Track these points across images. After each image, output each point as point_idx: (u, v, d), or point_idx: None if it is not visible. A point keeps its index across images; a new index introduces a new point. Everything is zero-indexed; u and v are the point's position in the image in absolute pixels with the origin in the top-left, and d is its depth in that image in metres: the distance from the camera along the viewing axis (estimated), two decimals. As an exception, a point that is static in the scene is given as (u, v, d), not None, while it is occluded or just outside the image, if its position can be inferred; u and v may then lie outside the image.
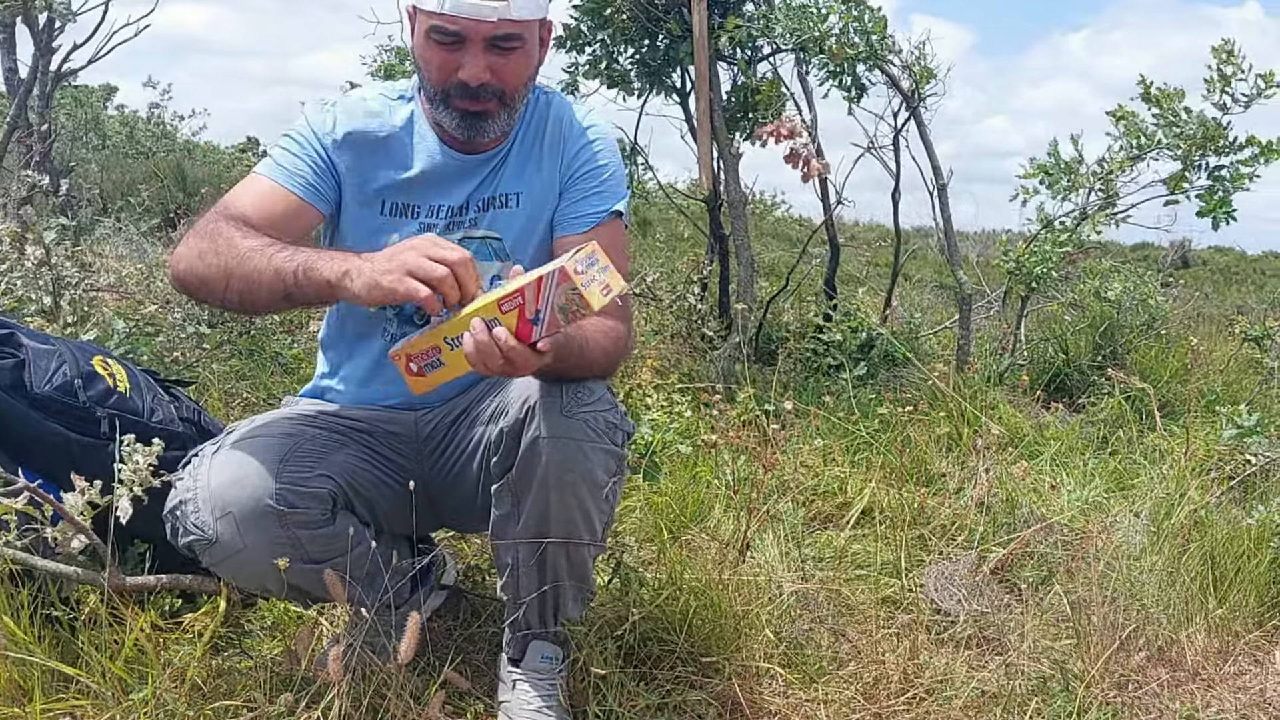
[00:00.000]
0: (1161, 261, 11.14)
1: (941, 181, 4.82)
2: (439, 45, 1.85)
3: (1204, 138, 4.48)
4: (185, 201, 6.91)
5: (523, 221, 2.03)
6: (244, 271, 1.73)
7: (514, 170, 2.03)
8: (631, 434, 1.94)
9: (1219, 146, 4.47)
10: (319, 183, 1.94)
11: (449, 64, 1.86)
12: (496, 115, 1.92)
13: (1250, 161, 4.47)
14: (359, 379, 2.09)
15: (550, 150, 2.05)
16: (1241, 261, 18.75)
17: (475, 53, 1.84)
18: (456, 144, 2.00)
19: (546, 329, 1.58)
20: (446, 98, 1.90)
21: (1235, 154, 4.49)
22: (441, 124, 1.95)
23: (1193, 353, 5.22)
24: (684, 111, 5.20)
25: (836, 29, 4.49)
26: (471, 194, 2.00)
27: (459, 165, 2.00)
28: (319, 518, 1.81)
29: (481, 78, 1.86)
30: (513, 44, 1.86)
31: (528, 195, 2.03)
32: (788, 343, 4.81)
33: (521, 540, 1.88)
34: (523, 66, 1.91)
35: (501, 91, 1.89)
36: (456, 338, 1.63)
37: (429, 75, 1.90)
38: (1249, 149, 4.46)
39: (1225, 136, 4.46)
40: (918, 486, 3.34)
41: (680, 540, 2.82)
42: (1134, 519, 3.13)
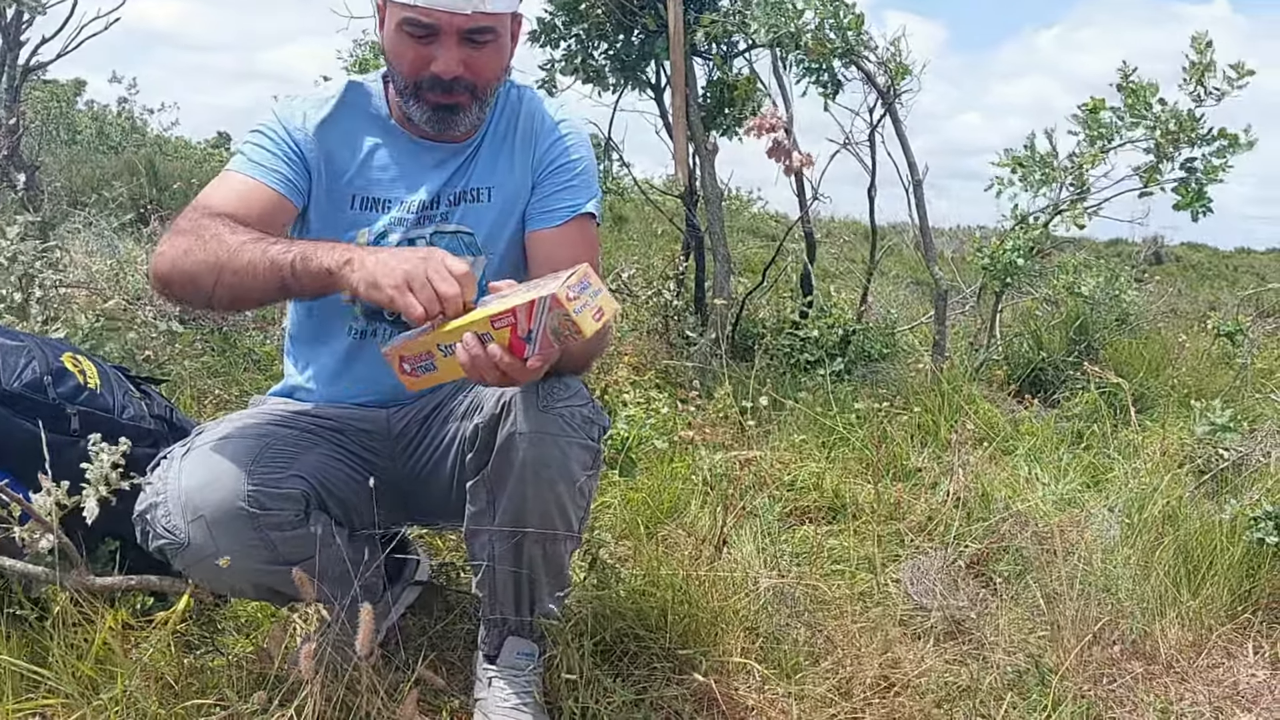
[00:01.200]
0: (1135, 257, 11.21)
1: (917, 177, 4.83)
2: (412, 38, 1.84)
3: (1178, 129, 4.50)
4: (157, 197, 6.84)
5: (494, 216, 2.01)
6: (237, 265, 1.69)
7: (486, 164, 2.02)
8: (607, 428, 1.93)
9: (1193, 138, 4.50)
10: (293, 176, 1.92)
11: (421, 57, 1.85)
12: (468, 109, 1.91)
13: (1220, 153, 4.50)
14: (327, 376, 2.07)
15: (523, 145, 2.04)
16: (1214, 258, 18.92)
17: (449, 46, 1.83)
18: (425, 137, 1.98)
19: (540, 349, 1.56)
20: (418, 91, 1.88)
21: (1207, 146, 4.51)
22: (412, 116, 1.93)
23: (1174, 348, 5.25)
24: (659, 107, 5.20)
25: (812, 25, 4.49)
26: (442, 188, 1.99)
27: (425, 158, 1.99)
28: (292, 519, 1.79)
29: (455, 71, 1.84)
30: (486, 37, 1.85)
31: (499, 190, 2.02)
32: (764, 339, 4.81)
33: (497, 535, 1.87)
34: (495, 60, 1.90)
35: (474, 85, 1.88)
36: (449, 345, 1.62)
37: (400, 68, 1.88)
38: (1219, 141, 4.49)
39: (1199, 128, 4.49)
40: (894, 482, 3.34)
41: (657, 536, 2.81)
42: (1108, 513, 3.15)
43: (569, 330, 1.53)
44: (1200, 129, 4.49)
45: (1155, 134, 4.55)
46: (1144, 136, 4.60)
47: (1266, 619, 2.61)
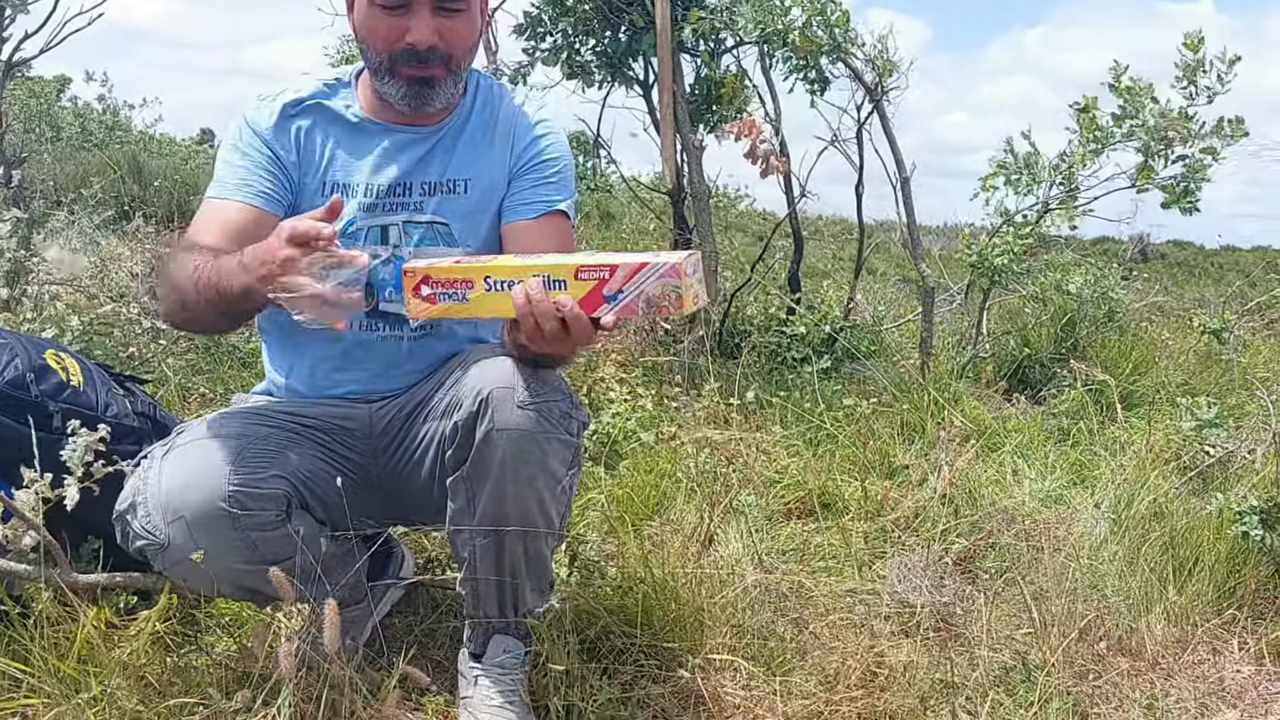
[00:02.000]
0: (1122, 255, 11.25)
1: (904, 175, 4.83)
2: (384, 11, 1.85)
3: (1170, 127, 4.50)
4: (140, 194, 6.82)
5: (471, 209, 2.02)
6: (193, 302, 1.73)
7: (464, 156, 2.02)
8: (587, 424, 1.93)
9: (1184, 136, 4.50)
10: (270, 186, 1.94)
11: (395, 29, 1.86)
12: (443, 82, 1.92)
13: (1211, 150, 4.49)
14: (305, 371, 2.07)
15: (502, 139, 2.05)
16: (1200, 255, 19.01)
17: (423, 15, 1.85)
18: (395, 120, 1.99)
19: (620, 311, 1.56)
20: (393, 65, 1.89)
21: (1200, 142, 4.51)
22: (388, 98, 1.94)
23: (1160, 345, 5.27)
24: (647, 104, 5.18)
25: (800, 22, 4.49)
26: (410, 171, 1.99)
27: (397, 142, 1.99)
28: (273, 519, 1.78)
29: (430, 40, 1.86)
30: (458, 5, 1.87)
31: (476, 182, 2.02)
32: (751, 336, 4.80)
33: (478, 533, 1.86)
34: (467, 30, 1.92)
35: (448, 56, 1.90)
36: (503, 282, 1.61)
37: (374, 45, 1.89)
38: (1211, 137, 4.49)
39: (1190, 127, 4.49)
40: (881, 478, 3.34)
41: (643, 533, 2.81)
42: (1094, 510, 3.16)
43: (669, 303, 1.53)
44: (1193, 127, 4.50)
45: (1147, 133, 4.55)
46: (1137, 136, 4.59)
47: (1252, 614, 2.62)
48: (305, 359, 2.07)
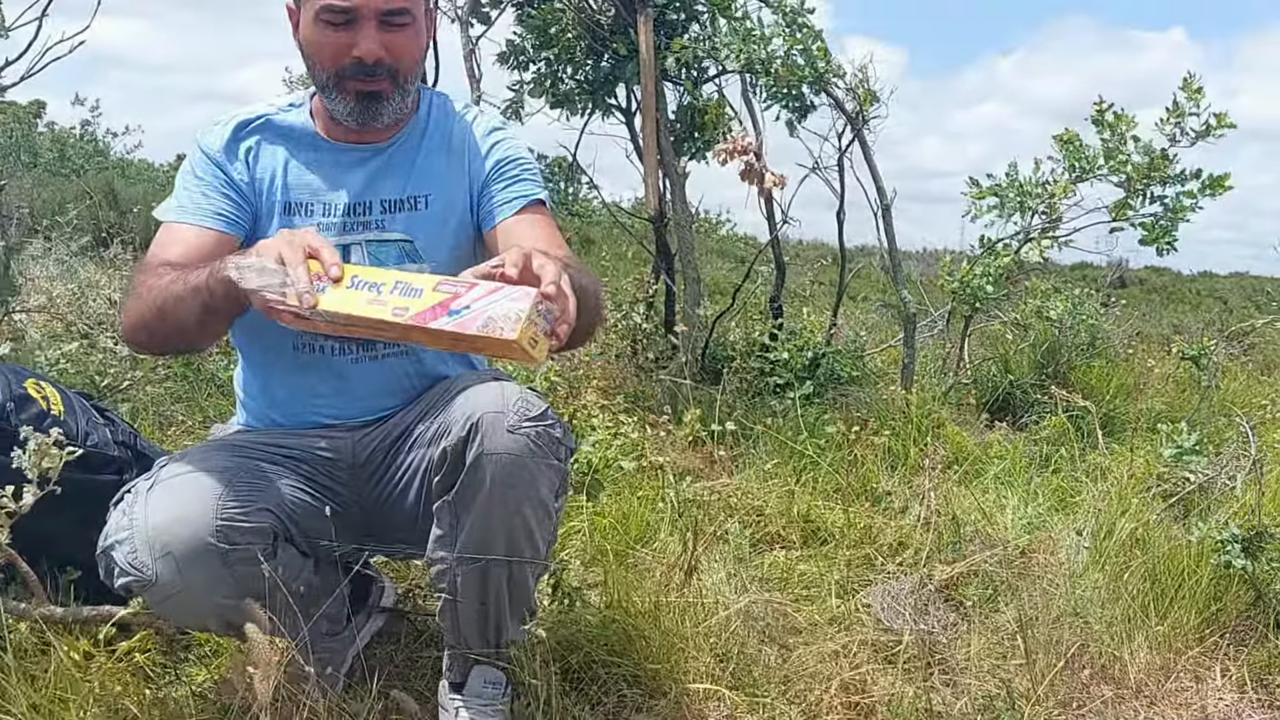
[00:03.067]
0: (1100, 281, 11.31)
1: (885, 202, 4.86)
2: (331, 27, 1.86)
3: (1150, 167, 4.55)
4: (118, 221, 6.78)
5: (433, 223, 2.01)
6: (169, 303, 1.72)
7: (423, 170, 2.03)
8: (574, 450, 1.93)
9: (1164, 177, 4.56)
10: (227, 208, 1.94)
11: (342, 44, 1.87)
12: (390, 96, 1.92)
13: (1192, 194, 4.55)
14: (282, 398, 2.06)
15: (457, 154, 2.05)
16: (1177, 282, 19.16)
17: (368, 30, 1.86)
18: (348, 139, 2.00)
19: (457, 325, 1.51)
20: (340, 80, 1.90)
21: (1181, 185, 4.57)
22: (336, 114, 1.94)
23: (1140, 371, 5.29)
24: (629, 131, 5.20)
25: (782, 51, 4.52)
26: (367, 189, 1.99)
27: (349, 160, 2.00)
28: (260, 553, 1.76)
29: (377, 53, 1.87)
30: (404, 19, 1.88)
31: (437, 196, 2.02)
32: (734, 362, 4.81)
33: (461, 559, 1.85)
34: (414, 44, 1.93)
35: (395, 70, 1.90)
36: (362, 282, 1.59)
37: (321, 61, 1.90)
38: (1193, 182, 4.55)
39: (1170, 167, 4.55)
40: (864, 505, 3.34)
41: (626, 562, 2.79)
42: (1076, 537, 3.16)
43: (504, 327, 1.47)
44: (1172, 168, 4.55)
45: (1127, 169, 4.59)
46: (1117, 169, 4.64)
47: (1233, 642, 2.62)
48: (281, 385, 2.05)
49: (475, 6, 4.86)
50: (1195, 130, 4.53)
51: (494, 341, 1.48)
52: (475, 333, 1.48)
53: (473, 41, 4.93)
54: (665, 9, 4.75)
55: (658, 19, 4.71)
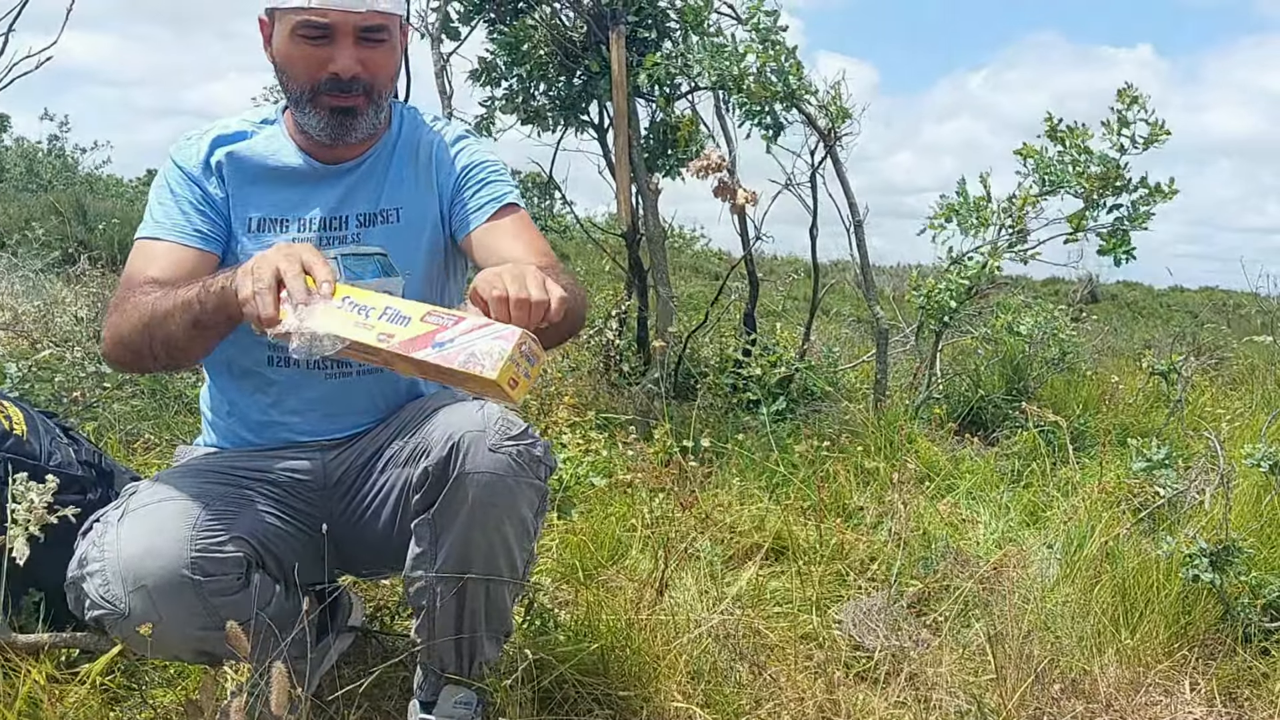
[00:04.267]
0: (1071, 296, 11.38)
1: (858, 218, 4.88)
2: (307, 41, 1.86)
3: (1104, 177, 4.60)
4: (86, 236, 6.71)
5: (408, 236, 2.02)
6: (157, 319, 1.72)
7: (394, 183, 2.03)
8: (554, 468, 1.92)
9: (1117, 186, 4.60)
10: (202, 225, 1.94)
11: (318, 59, 1.87)
12: (364, 112, 1.93)
13: (1144, 201, 4.60)
14: (253, 415, 2.04)
15: (425, 163, 2.06)
16: (1148, 296, 19.30)
17: (345, 45, 1.86)
18: (322, 156, 2.00)
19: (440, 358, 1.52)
20: (315, 95, 1.90)
21: (1131, 194, 4.62)
22: (308, 129, 1.95)
23: (1110, 386, 5.32)
24: (602, 147, 5.21)
25: (754, 68, 4.53)
26: (341, 203, 1.99)
27: (323, 175, 2.00)
28: (234, 583, 1.75)
29: (353, 69, 1.87)
30: (380, 35, 1.89)
31: (409, 209, 2.03)
32: (706, 378, 4.80)
33: (440, 577, 1.83)
34: (389, 60, 1.94)
35: (370, 86, 1.91)
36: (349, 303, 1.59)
37: (296, 76, 1.90)
38: (1141, 190, 4.60)
39: (1123, 177, 4.59)
40: (835, 521, 3.34)
41: (597, 580, 2.78)
42: (1047, 551, 3.17)
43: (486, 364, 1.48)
44: (1124, 177, 4.60)
45: (1084, 180, 4.64)
46: (1077, 181, 4.68)
47: (1202, 656, 2.63)
48: (251, 403, 2.04)
49: (446, 23, 4.86)
50: (1143, 138, 4.57)
51: (474, 378, 1.49)
52: (457, 368, 1.49)
53: (444, 58, 4.92)
54: (637, 26, 4.76)
55: (630, 36, 4.73)
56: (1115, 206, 4.68)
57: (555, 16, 4.96)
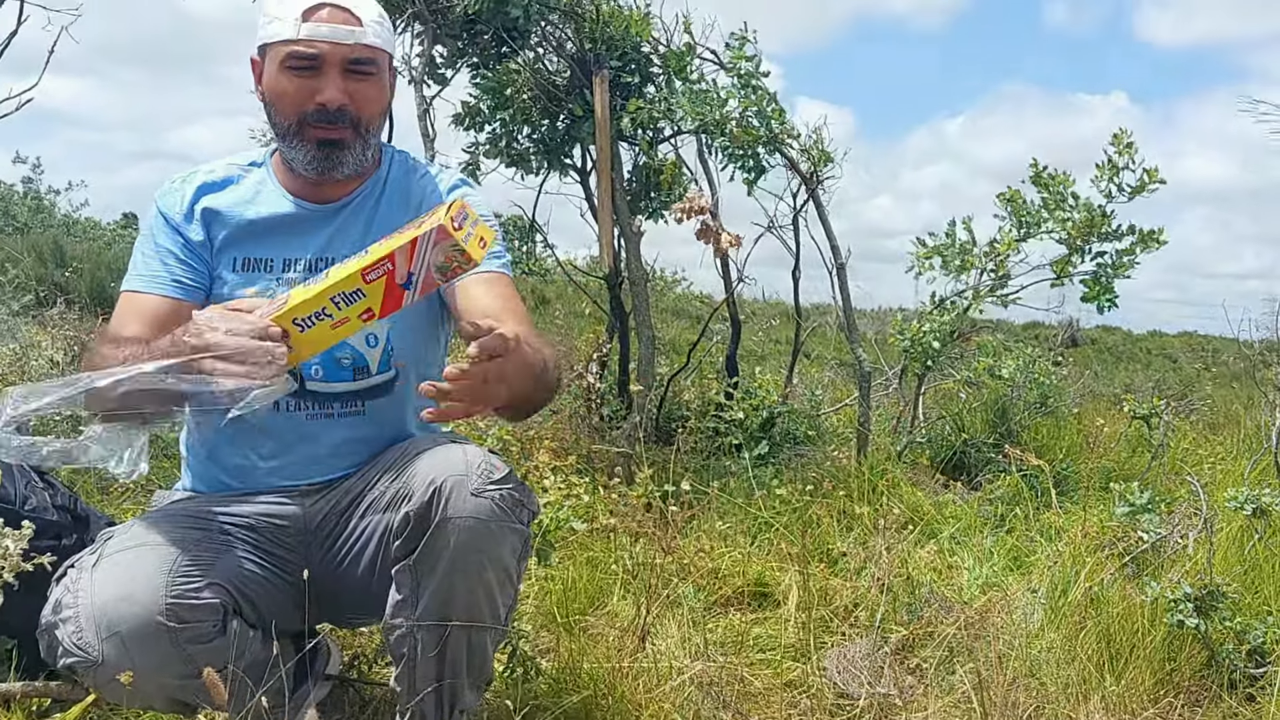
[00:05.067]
0: (1052, 340, 11.44)
1: (840, 261, 4.89)
2: (295, 73, 1.88)
3: (1089, 224, 4.64)
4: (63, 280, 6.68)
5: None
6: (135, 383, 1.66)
7: (381, 226, 2.01)
8: (537, 513, 1.90)
9: (1103, 233, 4.64)
10: (184, 274, 1.94)
11: (305, 90, 1.88)
12: (351, 145, 1.93)
13: (1131, 249, 4.64)
14: (232, 459, 2.01)
15: (417, 208, 2.05)
16: (1128, 341, 19.42)
17: (333, 76, 1.88)
18: (309, 196, 2.00)
19: (420, 291, 1.56)
20: (302, 127, 1.91)
21: (1118, 241, 4.66)
22: (295, 164, 1.95)
23: (1092, 430, 5.33)
24: (584, 190, 5.21)
25: (737, 113, 4.56)
26: (328, 244, 1.98)
27: (309, 215, 2.00)
28: (210, 630, 1.72)
29: (340, 100, 1.88)
30: (368, 69, 1.91)
31: None
32: (689, 422, 4.79)
33: (421, 624, 1.80)
34: (377, 94, 1.95)
35: (358, 119, 1.92)
36: (311, 316, 1.60)
37: (283, 108, 1.91)
38: (1129, 237, 4.63)
39: (1109, 224, 4.63)
40: (819, 566, 3.32)
41: (578, 627, 2.75)
42: (1031, 597, 3.15)
43: (458, 261, 1.54)
44: (1110, 225, 4.64)
45: (1068, 226, 4.67)
46: (1058, 227, 4.72)
47: (1188, 702, 2.61)
48: (231, 447, 2.01)
49: (431, 68, 4.87)
50: (1131, 185, 4.62)
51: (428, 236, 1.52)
52: (443, 281, 1.55)
53: (427, 102, 4.94)
54: (621, 71, 4.79)
55: (613, 80, 4.75)
56: (1100, 253, 4.72)
57: (539, 61, 4.98)
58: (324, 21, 1.86)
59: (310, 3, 1.87)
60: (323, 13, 1.87)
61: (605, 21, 4.67)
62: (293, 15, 1.86)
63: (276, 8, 1.89)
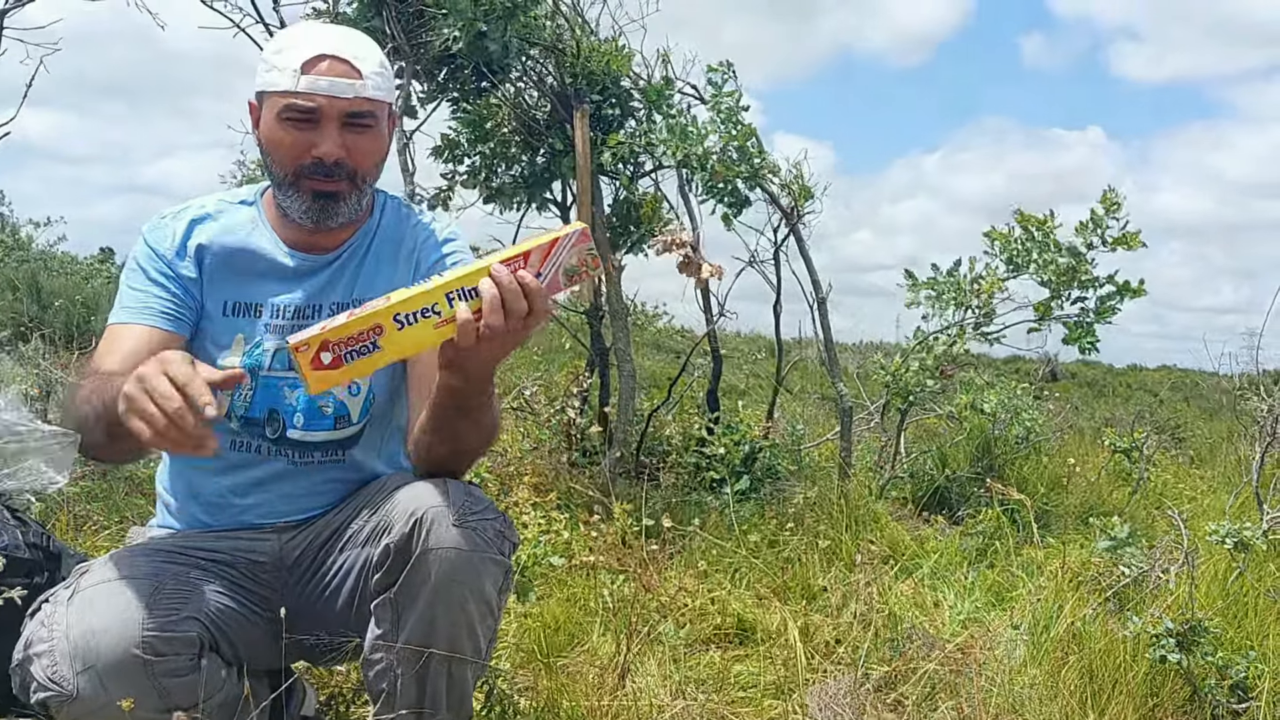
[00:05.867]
0: (1032, 375, 11.47)
1: (820, 295, 4.90)
2: (293, 124, 1.85)
3: (1071, 270, 4.68)
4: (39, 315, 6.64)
5: None
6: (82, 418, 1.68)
7: (370, 274, 2.00)
8: (517, 545, 1.88)
9: (1084, 281, 4.69)
10: (172, 307, 1.91)
11: (302, 143, 1.86)
12: (347, 197, 1.91)
13: (1111, 297, 4.69)
14: (210, 497, 1.99)
15: (406, 258, 2.03)
16: (1108, 375, 19.51)
17: (330, 130, 1.85)
18: (301, 244, 1.98)
19: (549, 289, 1.58)
20: (298, 179, 1.88)
21: (1097, 289, 4.71)
22: (290, 212, 1.92)
23: (1074, 464, 5.33)
24: (565, 223, 5.20)
25: (717, 148, 4.57)
26: (318, 293, 1.97)
27: (301, 264, 1.98)
28: (186, 664, 1.69)
29: (337, 154, 1.86)
30: (366, 122, 1.88)
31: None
32: (670, 456, 4.77)
33: (400, 658, 1.77)
34: (375, 147, 1.93)
35: (354, 172, 1.89)
36: (414, 314, 1.57)
37: (280, 159, 1.89)
38: (1108, 286, 4.68)
39: (1089, 272, 4.68)
40: (800, 603, 3.30)
41: (557, 665, 2.72)
42: (1013, 632, 3.14)
43: (587, 267, 1.58)
44: (1091, 273, 4.69)
45: (1051, 269, 4.72)
46: (1042, 271, 4.76)
47: (1172, 739, 2.60)
48: (209, 484, 1.99)
49: (407, 105, 4.87)
50: (1113, 239, 4.68)
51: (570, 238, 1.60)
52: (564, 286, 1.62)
53: (407, 136, 4.93)
54: (601, 105, 4.80)
55: (594, 115, 4.76)
56: (1081, 299, 4.76)
57: (519, 95, 4.99)
58: (323, 75, 1.83)
59: (310, 54, 1.84)
60: (323, 65, 1.84)
61: (586, 57, 4.69)
62: (292, 66, 1.83)
63: (276, 57, 1.86)
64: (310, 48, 1.84)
